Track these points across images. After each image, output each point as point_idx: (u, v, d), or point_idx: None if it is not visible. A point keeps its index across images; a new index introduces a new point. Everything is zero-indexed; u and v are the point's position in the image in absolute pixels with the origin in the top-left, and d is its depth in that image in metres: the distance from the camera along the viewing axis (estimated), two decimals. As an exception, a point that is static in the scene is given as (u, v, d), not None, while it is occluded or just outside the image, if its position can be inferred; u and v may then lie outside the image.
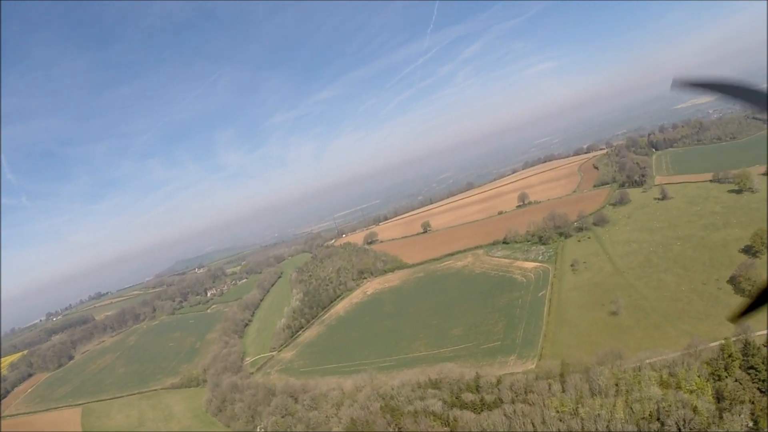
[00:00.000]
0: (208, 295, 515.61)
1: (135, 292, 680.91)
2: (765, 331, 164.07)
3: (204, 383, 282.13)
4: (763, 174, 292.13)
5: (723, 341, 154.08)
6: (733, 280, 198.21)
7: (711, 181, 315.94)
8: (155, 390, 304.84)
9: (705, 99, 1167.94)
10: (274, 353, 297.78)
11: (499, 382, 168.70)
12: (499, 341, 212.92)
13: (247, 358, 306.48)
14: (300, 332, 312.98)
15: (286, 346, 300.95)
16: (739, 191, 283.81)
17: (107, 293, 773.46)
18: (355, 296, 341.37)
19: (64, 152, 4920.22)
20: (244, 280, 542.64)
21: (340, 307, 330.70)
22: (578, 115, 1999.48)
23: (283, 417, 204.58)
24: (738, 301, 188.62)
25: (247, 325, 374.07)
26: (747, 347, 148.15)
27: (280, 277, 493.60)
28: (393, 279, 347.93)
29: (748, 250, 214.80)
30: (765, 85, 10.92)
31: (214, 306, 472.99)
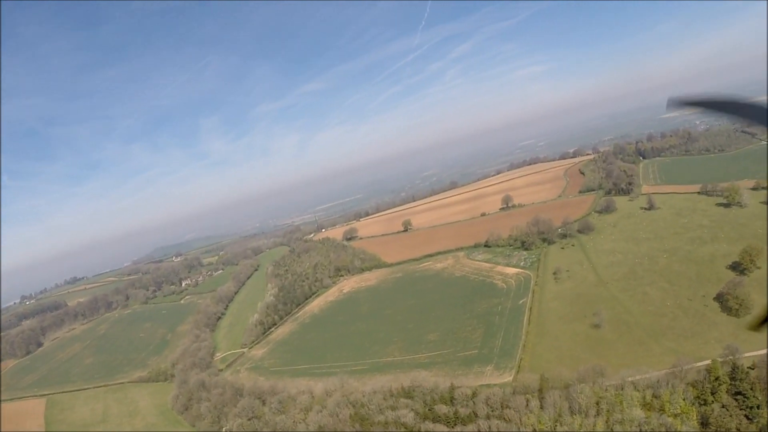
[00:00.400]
0: (183, 285, 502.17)
1: (110, 279, 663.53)
2: (753, 353, 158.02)
3: (172, 378, 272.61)
4: (753, 189, 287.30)
5: (710, 362, 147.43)
6: (720, 298, 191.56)
7: (699, 193, 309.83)
8: (122, 383, 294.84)
9: (693, 109, 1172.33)
10: (245, 350, 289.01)
11: (474, 394, 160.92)
12: (476, 350, 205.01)
13: (218, 354, 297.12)
14: (273, 329, 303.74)
15: (257, 343, 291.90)
16: (727, 205, 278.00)
17: (83, 278, 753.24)
18: (331, 294, 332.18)
19: (48, 132, 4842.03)
20: (220, 272, 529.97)
21: (315, 305, 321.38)
22: (564, 120, 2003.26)
23: (249, 420, 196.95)
24: (725, 320, 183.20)
25: (219, 318, 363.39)
26: (735, 371, 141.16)
27: (256, 269, 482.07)
28: (370, 278, 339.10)
29: (735, 267, 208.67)
30: (757, 99, 9.66)
31: (188, 297, 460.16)
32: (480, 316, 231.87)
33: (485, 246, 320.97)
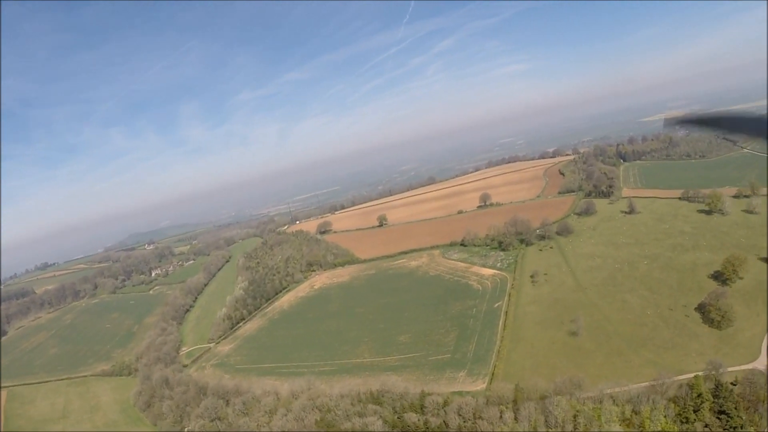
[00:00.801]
0: (153, 275, 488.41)
1: (80, 266, 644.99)
2: (736, 368, 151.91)
3: (136, 372, 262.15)
4: (734, 196, 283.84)
5: (692, 377, 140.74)
6: (701, 308, 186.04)
7: (680, 198, 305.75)
8: (85, 376, 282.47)
9: (673, 114, 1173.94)
10: (211, 345, 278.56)
11: (446, 403, 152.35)
12: (448, 354, 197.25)
13: (184, 348, 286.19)
14: (241, 324, 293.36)
15: (224, 338, 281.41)
16: (708, 212, 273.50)
17: (54, 264, 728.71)
18: (302, 289, 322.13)
19: (24, 113, 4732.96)
20: (191, 262, 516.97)
21: (285, 301, 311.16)
22: (544, 119, 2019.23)
23: (211, 421, 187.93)
24: (707, 331, 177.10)
25: (188, 311, 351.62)
26: (719, 389, 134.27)
27: (228, 261, 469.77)
28: (343, 274, 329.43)
29: (717, 277, 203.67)
30: (743, 110, 10.60)
31: (157, 287, 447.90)
32: (454, 318, 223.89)
33: (461, 245, 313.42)
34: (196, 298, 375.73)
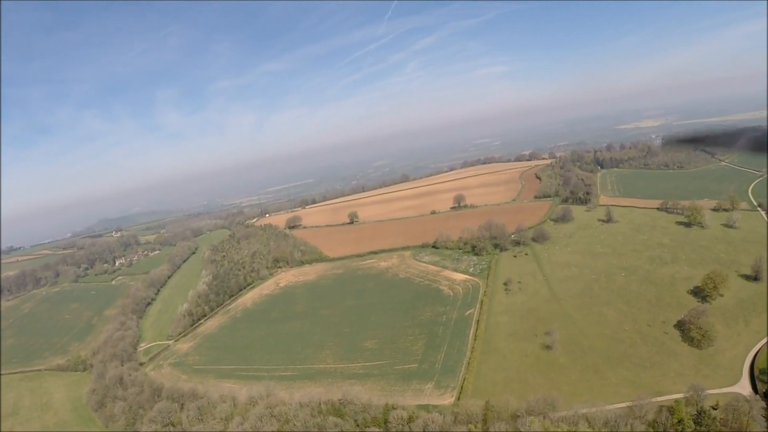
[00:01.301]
0: (116, 264, 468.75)
1: (45, 252, 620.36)
2: (716, 390, 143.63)
3: (92, 368, 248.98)
4: (713, 209, 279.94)
5: (674, 402, 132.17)
6: (681, 326, 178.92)
7: (658, 209, 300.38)
8: (39, 370, 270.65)
9: (648, 123, 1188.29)
10: (170, 342, 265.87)
11: (411, 419, 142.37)
12: (416, 363, 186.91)
13: (142, 344, 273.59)
14: (202, 321, 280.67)
15: (184, 336, 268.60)
16: (688, 224, 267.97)
17: (19, 248, 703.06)
18: (267, 287, 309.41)
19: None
20: (157, 252, 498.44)
21: (249, 298, 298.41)
22: (521, 122, 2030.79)
23: (164, 426, 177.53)
24: (686, 350, 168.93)
25: (149, 304, 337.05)
26: (701, 416, 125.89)
27: (194, 252, 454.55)
28: (309, 272, 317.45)
29: (697, 293, 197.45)
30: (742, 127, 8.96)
31: (120, 277, 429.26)
32: (423, 325, 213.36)
33: (433, 247, 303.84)
34: (158, 290, 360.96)
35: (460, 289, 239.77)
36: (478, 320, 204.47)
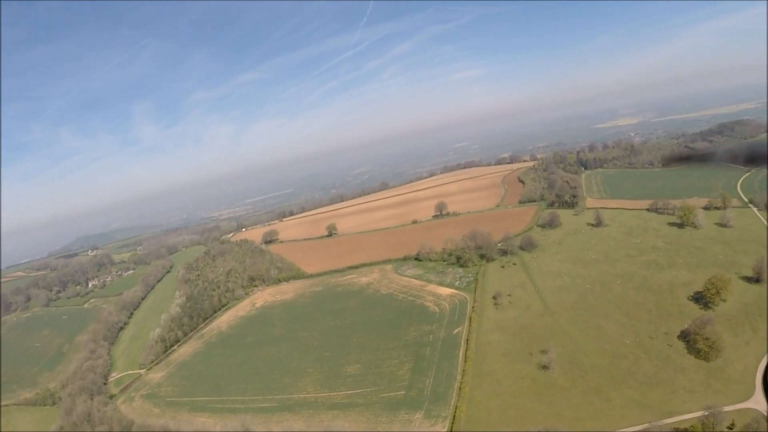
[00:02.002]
0: (89, 285, 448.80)
1: (19, 273, 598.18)
2: (730, 407, 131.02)
3: (61, 402, 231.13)
4: (705, 208, 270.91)
5: (690, 427, 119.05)
6: (685, 336, 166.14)
7: (648, 210, 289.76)
8: (7, 405, 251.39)
9: (626, 121, 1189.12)
10: (142, 371, 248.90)
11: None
12: (403, 390, 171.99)
13: (114, 374, 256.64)
14: (175, 347, 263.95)
15: (157, 364, 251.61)
16: (681, 225, 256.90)
17: None
18: (242, 308, 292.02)
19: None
20: (131, 272, 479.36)
21: (224, 320, 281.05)
22: (499, 124, 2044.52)
23: None
24: (693, 364, 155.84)
25: (122, 328, 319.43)
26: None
27: (169, 271, 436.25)
28: (287, 290, 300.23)
29: (699, 299, 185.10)
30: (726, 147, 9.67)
31: (92, 300, 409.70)
32: (408, 346, 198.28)
33: (416, 259, 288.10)
34: (131, 313, 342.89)
35: (447, 304, 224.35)
36: (467, 339, 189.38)
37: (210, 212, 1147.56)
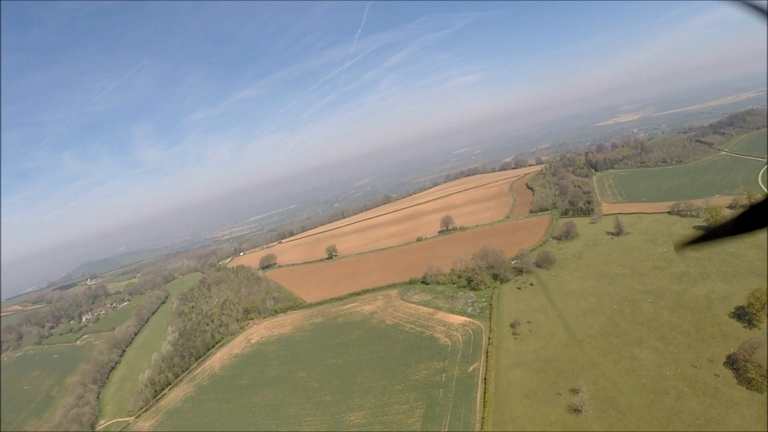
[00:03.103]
0: (83, 320, 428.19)
1: (16, 307, 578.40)
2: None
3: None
4: (729, 207, 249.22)
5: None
6: (733, 364, 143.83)
7: (669, 213, 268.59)
8: None
9: (627, 117, 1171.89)
10: (131, 419, 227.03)
11: None
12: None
13: (102, 421, 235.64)
14: (165, 391, 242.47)
15: (146, 410, 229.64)
16: (707, 228, 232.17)
17: None
18: (237, 344, 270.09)
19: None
20: (126, 303, 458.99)
21: (217, 359, 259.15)
22: (498, 128, 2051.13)
23: None
24: (746, 396, 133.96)
25: (113, 368, 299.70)
26: None
27: (164, 302, 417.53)
28: (284, 323, 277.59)
29: (741, 316, 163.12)
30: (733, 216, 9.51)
31: (85, 336, 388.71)
32: (418, 387, 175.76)
33: (423, 283, 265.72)
34: (123, 351, 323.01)
35: (459, 335, 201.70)
36: (485, 378, 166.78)
37: (214, 232, 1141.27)
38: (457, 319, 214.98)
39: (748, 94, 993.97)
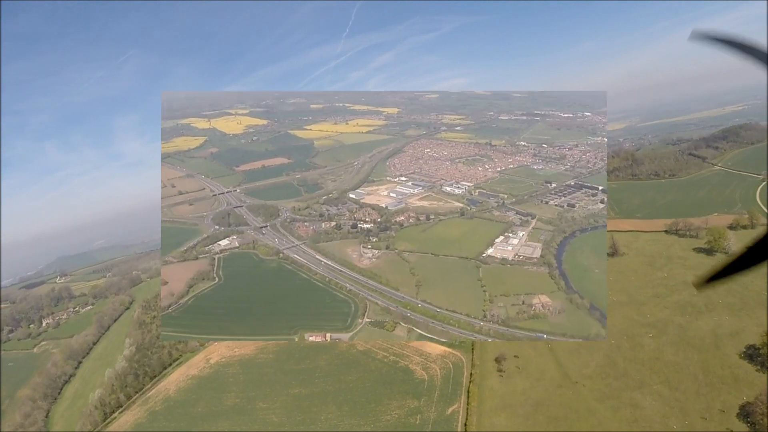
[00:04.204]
0: (43, 324, 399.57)
1: None
2: None
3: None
4: (730, 227, 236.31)
5: None
6: (747, 415, 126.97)
7: (667, 231, 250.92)
8: None
9: (612, 126, 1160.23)
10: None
11: None
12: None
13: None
14: (116, 414, 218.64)
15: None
16: (709, 251, 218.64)
17: None
18: (195, 364, 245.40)
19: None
20: (89, 308, 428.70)
21: (173, 380, 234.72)
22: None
23: None
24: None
25: (66, 382, 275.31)
26: None
27: (127, 308, 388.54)
28: (248, 342, 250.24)
29: (753, 356, 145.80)
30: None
31: (43, 343, 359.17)
32: (391, 428, 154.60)
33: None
34: (79, 363, 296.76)
35: (438, 368, 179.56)
36: (465, 424, 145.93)
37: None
38: (436, 349, 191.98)
39: (734, 107, 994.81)
